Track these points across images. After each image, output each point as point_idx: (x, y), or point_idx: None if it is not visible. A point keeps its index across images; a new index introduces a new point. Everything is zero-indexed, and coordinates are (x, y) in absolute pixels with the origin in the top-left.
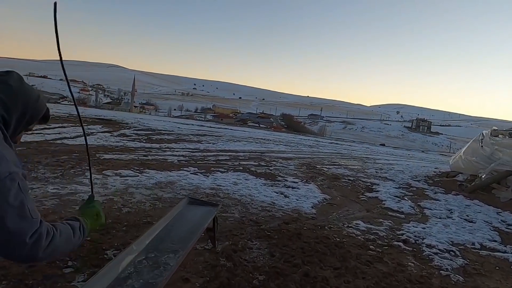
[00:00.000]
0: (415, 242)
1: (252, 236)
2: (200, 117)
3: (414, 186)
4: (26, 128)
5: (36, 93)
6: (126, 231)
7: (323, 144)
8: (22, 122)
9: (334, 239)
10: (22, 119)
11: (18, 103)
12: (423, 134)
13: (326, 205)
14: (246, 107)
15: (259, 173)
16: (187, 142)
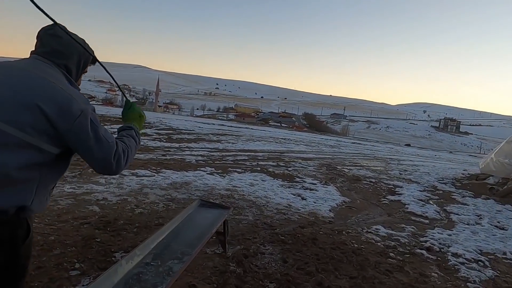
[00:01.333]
0: (440, 250)
1: (265, 240)
2: (222, 116)
3: (440, 189)
4: (83, 71)
5: (81, 39)
6: (137, 232)
7: (345, 144)
8: (80, 67)
9: (352, 245)
10: (79, 63)
11: (72, 50)
12: (451, 134)
13: (345, 209)
14: (268, 107)
15: (276, 174)
16: (206, 142)
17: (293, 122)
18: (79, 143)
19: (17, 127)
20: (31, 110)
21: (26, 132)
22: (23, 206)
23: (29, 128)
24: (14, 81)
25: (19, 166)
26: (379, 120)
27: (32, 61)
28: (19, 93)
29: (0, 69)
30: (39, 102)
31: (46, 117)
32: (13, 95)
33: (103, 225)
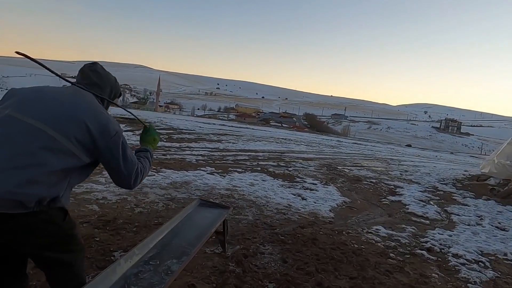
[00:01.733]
0: (440, 251)
1: (265, 240)
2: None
3: (441, 189)
4: (111, 102)
5: (114, 77)
6: (136, 232)
7: (345, 144)
8: (110, 97)
9: (352, 245)
10: (110, 96)
11: (107, 84)
12: (452, 135)
13: (345, 209)
14: (269, 107)
15: (277, 173)
16: (207, 142)
17: (294, 122)
18: (111, 158)
19: (66, 137)
20: (79, 125)
21: (71, 142)
22: (56, 198)
23: (74, 139)
24: (67, 101)
25: (59, 168)
26: (380, 121)
27: (77, 90)
28: (71, 111)
29: (54, 91)
30: (86, 120)
31: (89, 133)
32: (66, 111)
33: (103, 224)
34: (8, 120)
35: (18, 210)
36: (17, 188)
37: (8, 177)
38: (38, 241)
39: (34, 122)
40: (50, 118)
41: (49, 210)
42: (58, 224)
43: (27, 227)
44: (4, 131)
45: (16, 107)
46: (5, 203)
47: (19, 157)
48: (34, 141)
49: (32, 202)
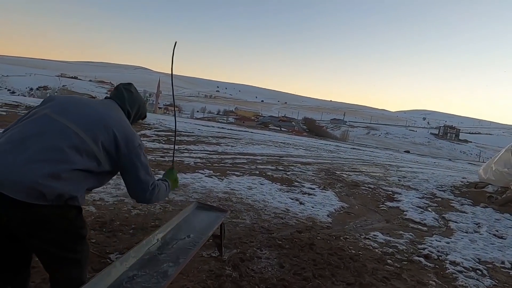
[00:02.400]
0: (438, 258)
1: (262, 244)
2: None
3: (439, 196)
4: (137, 120)
5: (143, 99)
6: (133, 234)
7: (344, 149)
8: (136, 117)
9: (349, 251)
10: (137, 114)
11: (136, 103)
12: (450, 141)
13: (343, 214)
14: (268, 110)
15: (275, 177)
16: (205, 144)
17: (293, 127)
18: (130, 167)
19: (94, 140)
20: (107, 132)
21: (97, 146)
22: (74, 196)
23: (101, 144)
24: (100, 110)
25: (81, 167)
26: (379, 126)
27: (110, 103)
28: (102, 119)
29: (90, 101)
30: (114, 129)
31: (115, 141)
32: (98, 118)
33: (99, 225)
34: (45, 118)
35: (38, 201)
36: (43, 179)
37: (37, 168)
38: (48, 235)
39: (68, 123)
40: (83, 122)
41: (65, 206)
42: (70, 221)
43: (42, 219)
44: (40, 127)
45: (54, 109)
46: (29, 192)
47: (49, 152)
48: (65, 140)
49: (53, 195)
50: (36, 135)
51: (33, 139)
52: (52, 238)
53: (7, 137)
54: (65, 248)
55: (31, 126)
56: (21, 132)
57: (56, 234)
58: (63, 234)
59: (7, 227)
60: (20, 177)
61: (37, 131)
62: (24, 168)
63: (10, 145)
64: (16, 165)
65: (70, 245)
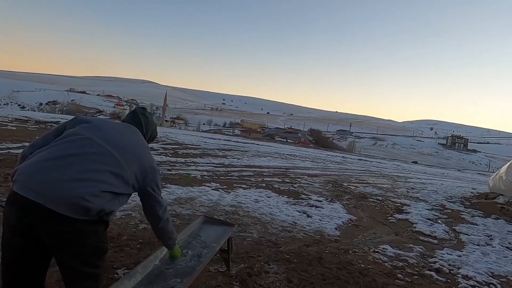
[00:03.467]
0: (450, 272)
1: (269, 258)
2: (228, 131)
3: (449, 208)
4: (149, 143)
5: (155, 124)
6: (140, 249)
7: (351, 160)
8: (150, 139)
9: (359, 265)
10: (151, 137)
11: (150, 128)
12: (459, 151)
13: (351, 227)
14: (274, 122)
15: (282, 190)
16: (212, 157)
17: (299, 138)
18: (151, 191)
19: (130, 169)
20: (140, 165)
21: (130, 173)
22: (111, 211)
23: (133, 173)
24: (134, 141)
25: (116, 190)
26: (386, 137)
27: (134, 128)
28: (137, 152)
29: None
30: (144, 158)
31: (144, 169)
32: (134, 150)
33: None
34: (87, 141)
35: (78, 215)
36: (86, 196)
37: (81, 186)
38: (78, 250)
39: (110, 149)
40: (123, 153)
41: (98, 221)
42: (99, 236)
43: (77, 232)
44: (84, 149)
45: (95, 133)
46: (71, 207)
47: (93, 173)
48: (108, 165)
49: (95, 211)
50: (79, 155)
51: (76, 158)
52: (81, 253)
53: (48, 154)
54: (90, 263)
55: (74, 146)
56: (64, 151)
57: (87, 249)
58: (92, 250)
59: (41, 239)
60: (64, 193)
61: (81, 151)
62: (69, 184)
63: (54, 162)
64: (61, 182)
65: (95, 260)
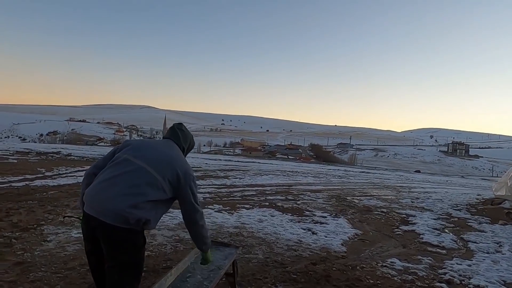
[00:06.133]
0: (461, 283)
1: (276, 279)
2: (229, 151)
3: (455, 216)
4: (189, 152)
5: (191, 135)
6: (145, 277)
7: (353, 173)
8: (189, 149)
9: (367, 281)
10: (189, 147)
11: (187, 140)
12: (461, 158)
13: (358, 242)
14: (274, 139)
15: (285, 208)
16: (213, 178)
17: (300, 154)
18: (188, 193)
19: (163, 177)
20: (172, 171)
21: (165, 181)
22: (149, 220)
23: (167, 180)
24: (166, 152)
25: (153, 198)
26: (386, 148)
27: (170, 142)
28: (169, 161)
29: (156, 143)
30: (177, 168)
31: (177, 175)
32: (165, 160)
33: None
34: (126, 162)
35: (123, 224)
36: (128, 208)
37: (123, 200)
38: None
39: (144, 165)
40: (154, 164)
41: (139, 232)
42: (137, 246)
43: (123, 240)
44: (124, 169)
45: (132, 153)
46: (119, 218)
47: (131, 188)
48: (141, 178)
49: (133, 220)
50: (121, 174)
51: (119, 178)
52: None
53: (103, 177)
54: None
55: (118, 168)
56: (111, 173)
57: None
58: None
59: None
60: (111, 207)
61: (122, 171)
62: (115, 200)
63: (105, 184)
64: (108, 199)
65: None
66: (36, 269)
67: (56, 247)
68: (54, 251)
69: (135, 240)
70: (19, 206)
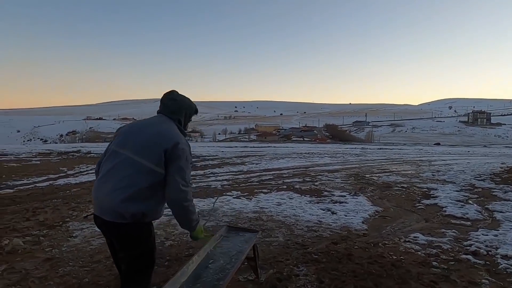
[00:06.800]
0: (488, 254)
1: (298, 261)
2: (244, 138)
3: (478, 186)
4: (189, 120)
5: (188, 100)
6: (168, 266)
7: (370, 151)
8: (187, 119)
9: (390, 257)
10: (186, 118)
11: (182, 110)
12: (482, 127)
13: (379, 219)
14: (288, 122)
15: (303, 190)
16: (230, 165)
17: (315, 135)
18: (170, 166)
19: (150, 160)
20: (159, 149)
21: (153, 163)
22: (146, 212)
23: (155, 160)
24: (152, 132)
25: (147, 185)
26: (404, 122)
27: (158, 118)
28: (154, 140)
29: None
30: (164, 143)
31: (165, 151)
32: (150, 141)
33: None
34: (115, 154)
35: (121, 220)
36: (120, 203)
37: (116, 195)
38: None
39: (129, 154)
40: (139, 149)
41: (140, 224)
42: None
43: (123, 234)
44: (113, 162)
45: (120, 143)
46: (115, 215)
47: (121, 181)
48: (129, 168)
49: (128, 214)
50: (111, 169)
51: (110, 173)
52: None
53: (100, 174)
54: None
55: (108, 163)
56: (104, 170)
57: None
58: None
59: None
60: (107, 204)
61: (111, 166)
62: (109, 197)
63: (100, 182)
64: (103, 198)
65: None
66: (65, 264)
67: (82, 242)
68: (80, 246)
69: (138, 233)
70: (45, 205)
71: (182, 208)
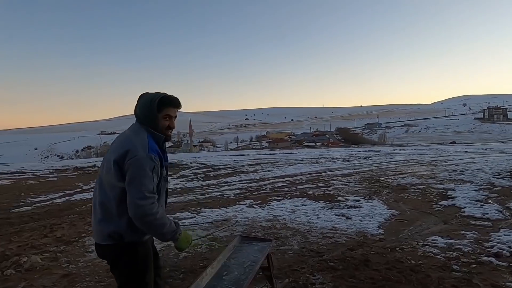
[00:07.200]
0: (511, 255)
1: (314, 269)
2: (256, 145)
3: (498, 185)
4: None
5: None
6: (183, 278)
7: (384, 153)
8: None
9: (409, 262)
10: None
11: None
12: (499, 123)
13: (395, 222)
14: (300, 128)
15: (317, 196)
16: (243, 174)
17: (327, 139)
18: (127, 177)
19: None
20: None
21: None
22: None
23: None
24: (116, 146)
25: (112, 199)
26: (417, 122)
27: (134, 125)
28: (113, 154)
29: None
30: (113, 154)
31: (114, 163)
32: (111, 156)
33: None
34: (98, 180)
35: (102, 241)
36: (98, 224)
37: (95, 216)
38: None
39: (102, 174)
40: (105, 167)
41: (123, 245)
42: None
43: (108, 256)
44: (96, 189)
45: (102, 162)
46: (97, 237)
47: (97, 201)
48: (101, 187)
49: (105, 236)
50: (95, 196)
51: (94, 200)
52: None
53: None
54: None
55: (95, 189)
56: (93, 197)
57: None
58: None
59: None
60: (93, 227)
61: (96, 193)
62: (93, 219)
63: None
64: (93, 219)
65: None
66: (82, 280)
67: (98, 257)
68: (96, 261)
69: (120, 254)
70: (62, 221)
71: (145, 224)
